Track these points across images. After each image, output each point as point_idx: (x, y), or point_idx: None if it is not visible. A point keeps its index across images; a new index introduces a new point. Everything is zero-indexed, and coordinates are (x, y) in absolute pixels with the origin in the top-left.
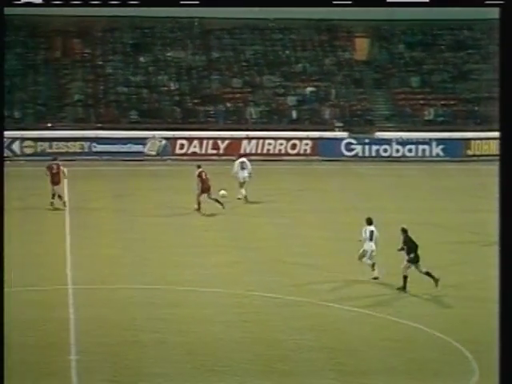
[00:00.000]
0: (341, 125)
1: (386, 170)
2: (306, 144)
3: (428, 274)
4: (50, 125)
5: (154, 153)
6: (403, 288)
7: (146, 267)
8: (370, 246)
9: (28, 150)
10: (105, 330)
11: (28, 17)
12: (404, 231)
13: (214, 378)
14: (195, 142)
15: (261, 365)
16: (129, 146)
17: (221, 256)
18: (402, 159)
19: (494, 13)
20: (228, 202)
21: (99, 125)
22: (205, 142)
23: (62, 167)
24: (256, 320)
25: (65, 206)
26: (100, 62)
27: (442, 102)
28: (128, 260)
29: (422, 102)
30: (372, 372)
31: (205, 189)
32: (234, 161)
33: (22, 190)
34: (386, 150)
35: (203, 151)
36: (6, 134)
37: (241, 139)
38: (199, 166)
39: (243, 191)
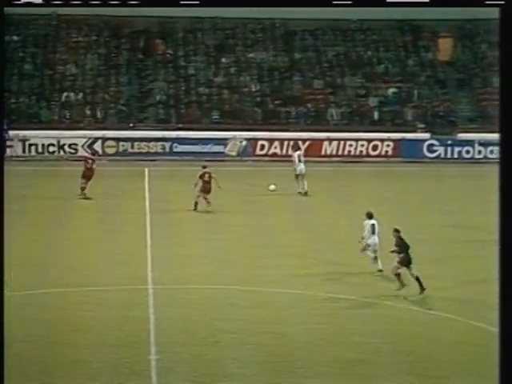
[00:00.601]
0: (423, 126)
1: (468, 172)
2: (388, 145)
3: (418, 279)
4: (131, 125)
5: (234, 153)
6: (401, 286)
7: (225, 268)
8: (373, 239)
9: (110, 150)
10: (185, 330)
11: (110, 18)
12: (396, 231)
13: (293, 379)
14: (276, 143)
15: (339, 367)
16: (209, 146)
17: (300, 258)
18: (484, 161)
19: None
20: (308, 205)
21: (180, 125)
22: (285, 142)
23: (95, 165)
24: (335, 322)
25: (85, 197)
26: (182, 63)
27: None
28: (208, 260)
29: None
30: (452, 377)
31: (205, 189)
32: (293, 153)
33: (101, 188)
34: (468, 152)
35: (284, 152)
36: (89, 133)
37: (322, 140)
38: (204, 167)
39: (305, 184)
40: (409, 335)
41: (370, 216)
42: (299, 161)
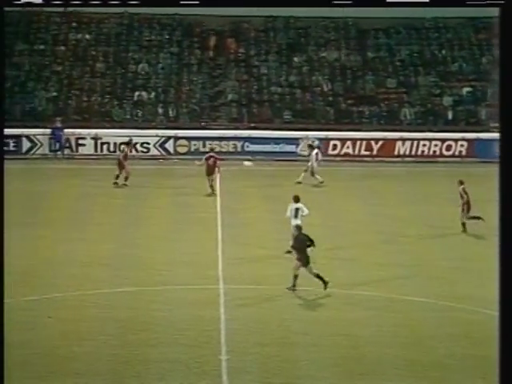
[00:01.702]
0: (497, 125)
1: None
2: (462, 145)
3: (318, 276)
4: (203, 124)
5: (306, 153)
6: (293, 286)
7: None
8: (296, 222)
9: (181, 149)
10: (255, 331)
11: (183, 16)
12: (298, 228)
13: (365, 382)
14: (348, 143)
15: (412, 371)
16: (281, 145)
17: (372, 258)
18: None
19: None
20: (382, 207)
21: (252, 124)
22: (358, 142)
23: (121, 158)
24: (408, 325)
25: (125, 184)
26: (254, 62)
27: None
28: (278, 260)
29: None
30: None
31: (208, 172)
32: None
33: (173, 187)
34: None
35: (356, 152)
36: (161, 132)
37: (395, 140)
38: (212, 150)
39: (318, 177)
40: (481, 339)
41: (296, 200)
42: (316, 159)
